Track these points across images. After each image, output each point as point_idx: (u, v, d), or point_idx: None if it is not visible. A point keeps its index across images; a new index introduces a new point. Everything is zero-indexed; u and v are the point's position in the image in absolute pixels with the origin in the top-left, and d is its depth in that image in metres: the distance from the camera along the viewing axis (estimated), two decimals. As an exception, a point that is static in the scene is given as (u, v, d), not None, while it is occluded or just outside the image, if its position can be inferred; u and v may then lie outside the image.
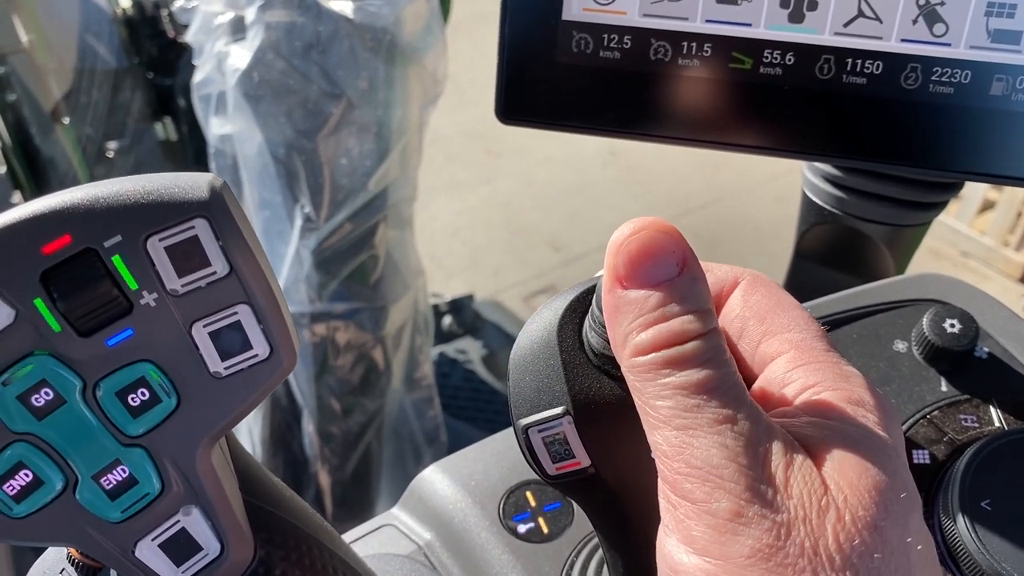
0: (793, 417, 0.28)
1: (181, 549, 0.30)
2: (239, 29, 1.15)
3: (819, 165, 0.61)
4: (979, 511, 0.41)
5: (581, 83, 0.46)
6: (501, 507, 0.50)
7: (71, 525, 0.29)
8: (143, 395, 0.28)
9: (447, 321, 2.01)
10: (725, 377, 0.27)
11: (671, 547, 0.27)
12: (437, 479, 0.53)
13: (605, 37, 0.45)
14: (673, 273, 0.28)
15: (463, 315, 2.03)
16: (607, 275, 0.29)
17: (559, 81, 0.47)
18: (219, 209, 0.27)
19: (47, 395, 0.27)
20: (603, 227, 2.69)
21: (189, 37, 1.24)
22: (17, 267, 0.26)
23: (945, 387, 0.49)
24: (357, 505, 1.41)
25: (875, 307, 0.54)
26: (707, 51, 0.45)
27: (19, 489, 0.28)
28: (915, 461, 0.46)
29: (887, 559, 0.25)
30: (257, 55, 1.13)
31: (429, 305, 1.50)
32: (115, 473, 0.29)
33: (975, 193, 2.53)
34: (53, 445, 0.28)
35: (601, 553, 0.46)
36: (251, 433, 1.38)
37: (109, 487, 0.29)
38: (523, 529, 0.49)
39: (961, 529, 0.41)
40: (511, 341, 2.01)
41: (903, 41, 0.43)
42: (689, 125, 0.46)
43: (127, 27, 1.59)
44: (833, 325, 0.53)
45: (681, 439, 0.27)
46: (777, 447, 0.26)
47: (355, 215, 1.22)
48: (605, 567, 0.44)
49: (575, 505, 0.50)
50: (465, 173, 2.93)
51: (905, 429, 0.48)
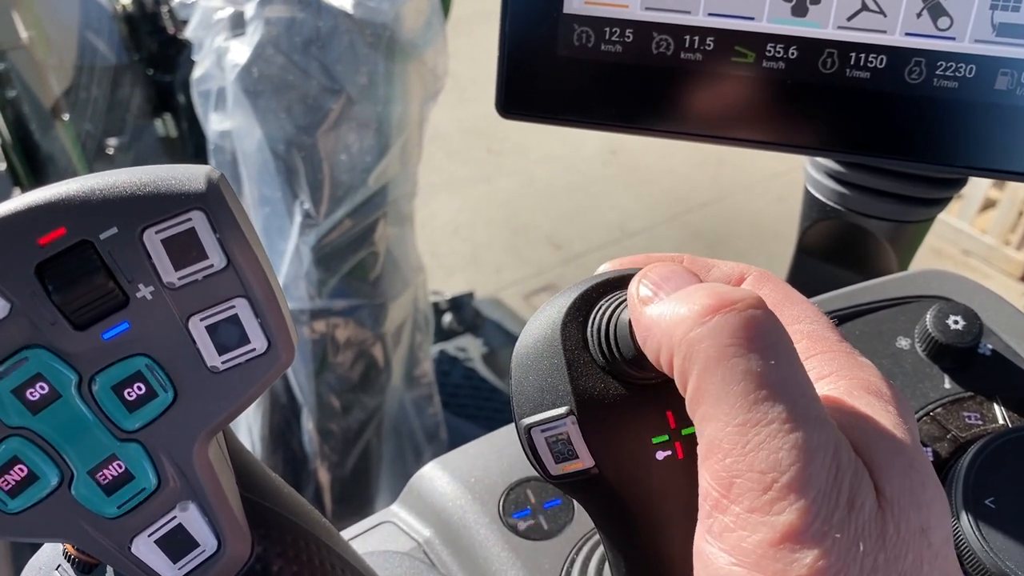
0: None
1: (178, 545, 0.30)
2: (238, 25, 1.15)
3: (822, 161, 0.61)
4: (983, 509, 0.41)
5: (582, 77, 0.46)
6: (501, 504, 0.50)
7: (67, 521, 0.29)
8: (139, 389, 0.28)
9: (447, 319, 2.01)
10: (796, 367, 0.25)
11: (713, 555, 0.24)
12: (436, 476, 0.52)
13: (607, 31, 0.45)
14: (694, 282, 0.28)
15: (463, 313, 2.03)
16: (633, 310, 0.28)
17: (560, 75, 0.46)
18: (216, 201, 0.27)
19: (42, 389, 0.27)
20: (604, 225, 2.69)
21: (188, 33, 1.24)
22: (12, 259, 0.26)
23: (948, 384, 0.49)
24: (356, 502, 1.41)
25: (878, 304, 0.54)
26: (709, 45, 0.44)
27: (14, 484, 0.28)
28: (918, 458, 0.46)
29: (932, 562, 0.24)
30: (257, 51, 1.12)
31: (429, 302, 1.50)
32: (111, 468, 0.28)
33: (976, 192, 2.53)
34: (48, 440, 0.28)
35: (602, 551, 0.46)
36: (250, 430, 1.38)
37: (105, 482, 0.28)
38: (523, 526, 0.49)
39: (965, 527, 0.41)
40: (511, 339, 2.01)
41: (907, 35, 0.43)
42: (691, 120, 0.46)
43: (127, 23, 1.59)
44: (836, 322, 0.53)
45: (746, 436, 0.24)
46: (844, 452, 0.24)
47: (355, 211, 1.22)
48: (606, 565, 0.44)
49: (575, 502, 0.50)
50: (465, 171, 2.93)
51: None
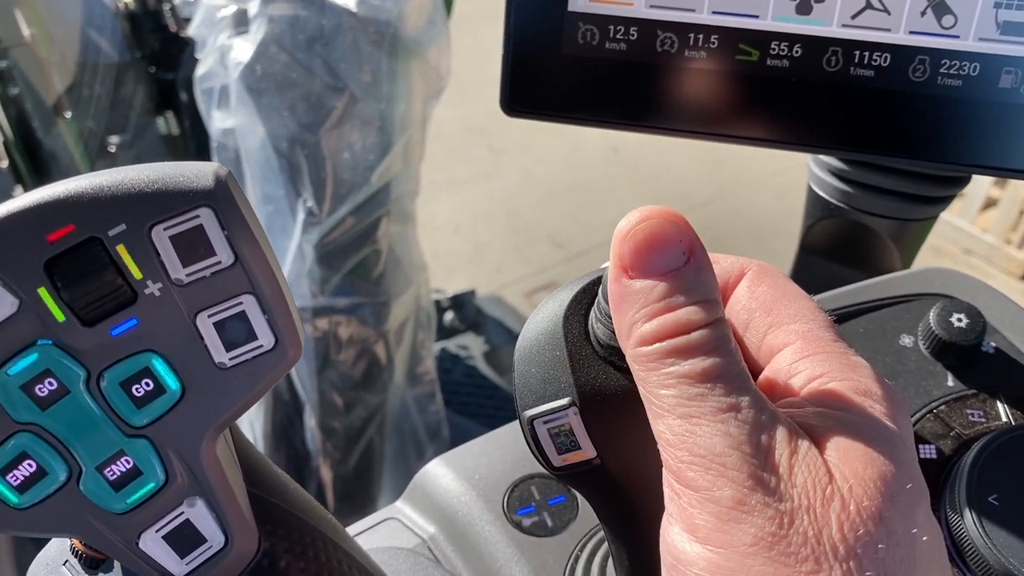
0: (799, 407, 0.28)
1: (185, 541, 0.30)
2: (242, 22, 1.15)
3: (825, 159, 0.61)
4: (986, 506, 0.41)
5: (587, 75, 0.46)
6: (505, 501, 0.50)
7: (75, 516, 0.29)
8: (147, 385, 0.28)
9: (449, 317, 2.01)
10: (730, 365, 0.27)
11: (674, 536, 0.27)
12: (441, 473, 0.52)
13: (611, 28, 0.45)
14: (680, 263, 0.28)
15: (465, 311, 2.03)
16: (613, 264, 0.29)
17: (564, 73, 0.46)
18: (224, 198, 0.27)
19: (51, 385, 0.27)
20: (605, 224, 2.69)
21: (192, 30, 1.24)
22: (21, 256, 0.26)
23: (952, 382, 0.49)
24: (358, 500, 1.41)
25: (881, 301, 0.54)
26: (714, 43, 0.44)
27: (22, 480, 0.28)
28: (922, 456, 0.46)
29: (891, 550, 0.25)
30: (260, 48, 1.12)
31: (431, 300, 1.50)
32: (119, 464, 0.28)
33: (977, 191, 2.53)
34: (57, 435, 0.28)
35: (606, 547, 0.46)
36: (253, 427, 1.38)
37: (113, 478, 0.29)
38: (528, 523, 0.49)
39: (968, 524, 0.41)
40: (513, 337, 2.01)
41: (911, 33, 0.43)
42: (695, 117, 0.46)
43: (129, 21, 1.59)
44: (839, 319, 0.53)
45: (684, 427, 0.26)
46: (781, 435, 0.26)
47: (357, 209, 1.22)
48: (610, 561, 0.44)
49: (580, 499, 0.50)
50: (467, 169, 2.93)
51: (911, 424, 0.47)
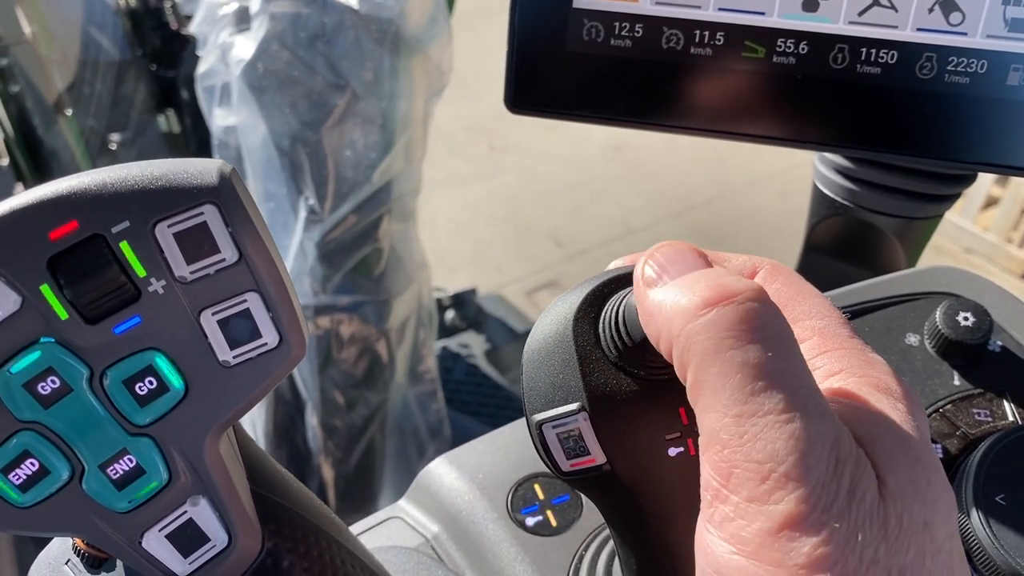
0: (834, 405, 0.27)
1: (188, 540, 0.30)
2: (243, 20, 1.15)
3: (830, 157, 0.60)
4: (993, 506, 0.41)
5: (591, 72, 0.46)
6: (509, 500, 0.50)
7: (77, 515, 0.29)
8: (151, 384, 0.28)
9: (450, 315, 2.01)
10: (794, 357, 0.25)
11: (714, 543, 0.25)
12: (444, 471, 0.52)
13: (616, 25, 0.45)
14: (703, 267, 0.28)
15: (466, 309, 2.03)
16: (638, 291, 0.28)
17: (569, 70, 0.46)
18: (228, 195, 0.27)
19: (53, 383, 0.27)
20: (606, 222, 2.69)
21: (193, 28, 1.24)
22: (23, 253, 0.26)
23: (958, 381, 0.49)
24: (360, 498, 1.41)
25: (887, 300, 0.53)
26: (719, 40, 0.44)
27: (25, 478, 0.27)
28: (928, 455, 0.46)
29: (935, 557, 0.24)
30: (262, 46, 1.12)
31: (432, 299, 1.50)
32: (122, 463, 0.28)
33: (979, 189, 2.52)
34: (59, 434, 0.27)
35: (611, 547, 0.45)
36: (254, 426, 1.38)
37: (116, 477, 0.28)
38: (531, 522, 0.49)
39: (975, 524, 0.41)
40: (514, 336, 2.01)
41: (919, 30, 0.43)
42: (700, 115, 0.46)
43: (130, 19, 1.59)
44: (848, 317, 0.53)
45: (743, 427, 0.24)
46: (845, 442, 0.24)
47: (359, 207, 1.22)
48: (615, 561, 0.44)
49: (584, 498, 0.49)
50: (468, 168, 2.92)
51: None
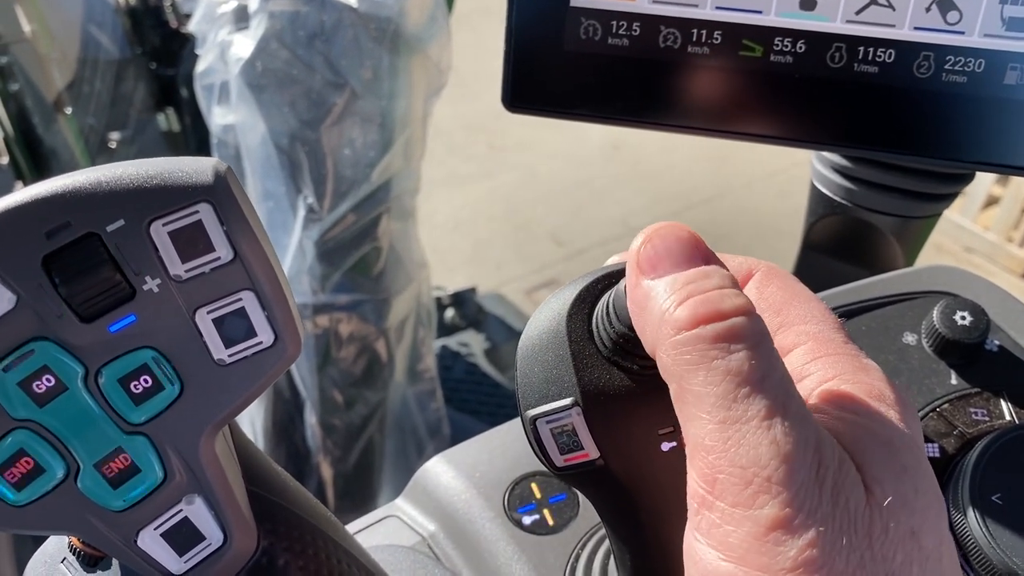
0: (820, 412, 0.27)
1: (184, 539, 0.30)
2: (242, 18, 1.15)
3: (828, 155, 0.60)
4: (990, 505, 0.41)
5: (589, 70, 0.46)
6: (506, 498, 0.50)
7: (72, 514, 0.29)
8: (146, 382, 0.28)
9: (450, 314, 2.01)
10: (776, 365, 0.25)
11: (702, 551, 0.25)
12: (441, 470, 0.52)
13: (614, 24, 0.45)
14: (699, 263, 0.27)
15: (465, 308, 2.03)
16: (630, 273, 0.28)
17: (567, 68, 0.46)
18: (223, 194, 0.27)
19: (48, 382, 0.27)
20: (606, 221, 2.69)
21: (192, 26, 1.24)
22: (18, 251, 0.26)
23: (955, 380, 0.49)
24: (359, 497, 1.41)
25: (884, 299, 0.53)
26: (717, 39, 0.44)
27: (20, 477, 0.27)
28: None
29: (923, 565, 0.24)
30: (260, 44, 1.12)
31: (432, 298, 1.50)
32: (117, 461, 0.28)
33: (979, 188, 2.52)
34: (54, 432, 0.27)
35: (607, 545, 0.45)
36: (253, 424, 1.38)
37: (111, 475, 0.28)
38: (528, 521, 0.49)
39: (971, 523, 0.41)
40: (513, 335, 2.01)
41: (916, 29, 0.43)
42: (698, 114, 0.46)
43: (130, 17, 1.59)
44: (842, 317, 0.53)
45: (726, 433, 0.24)
46: (828, 447, 0.24)
47: (358, 206, 1.22)
48: (611, 559, 0.44)
49: (581, 497, 0.50)
50: (467, 167, 2.92)
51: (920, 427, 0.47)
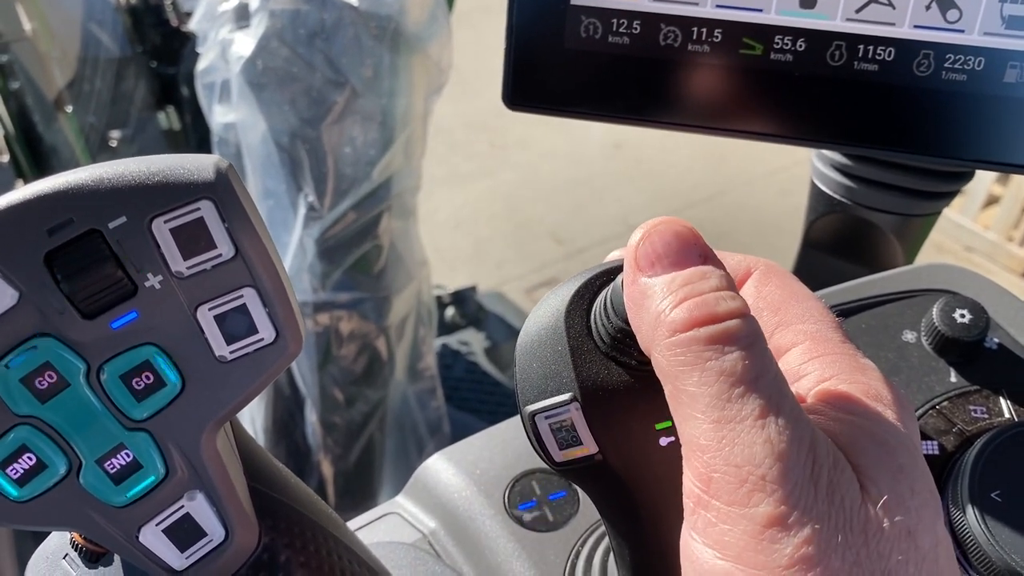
0: (817, 412, 0.27)
1: (185, 534, 0.30)
2: (243, 17, 1.15)
3: (828, 154, 0.60)
4: (989, 502, 0.41)
5: (589, 69, 0.46)
6: (506, 495, 0.50)
7: (74, 509, 0.29)
8: (147, 379, 0.28)
9: (450, 312, 2.01)
10: (770, 365, 0.25)
11: (698, 550, 0.25)
12: (442, 467, 0.52)
13: (614, 22, 0.45)
14: (697, 262, 0.27)
15: (466, 307, 2.03)
16: (628, 270, 0.28)
17: (567, 67, 0.46)
18: (225, 191, 0.27)
19: (50, 378, 0.27)
20: (607, 220, 2.69)
21: (193, 25, 1.24)
22: (21, 248, 0.26)
23: (954, 378, 0.49)
24: (359, 495, 1.41)
25: (884, 297, 0.53)
26: (717, 37, 0.44)
27: (22, 472, 0.28)
28: (924, 452, 0.46)
29: (919, 564, 0.24)
30: (261, 43, 1.12)
31: (432, 296, 1.50)
32: (119, 457, 0.28)
33: (979, 188, 2.52)
34: (57, 428, 0.28)
35: (607, 542, 0.46)
36: (253, 422, 1.38)
37: (113, 471, 0.28)
38: (528, 518, 0.49)
39: (971, 520, 0.41)
40: (514, 333, 2.01)
41: (916, 27, 0.43)
42: (698, 112, 0.46)
43: (130, 15, 1.59)
44: (842, 315, 0.53)
45: (721, 432, 0.24)
46: (822, 446, 0.25)
47: (359, 204, 1.22)
48: (611, 556, 0.44)
49: (581, 494, 0.50)
50: (468, 165, 2.92)
51: (918, 427, 0.47)
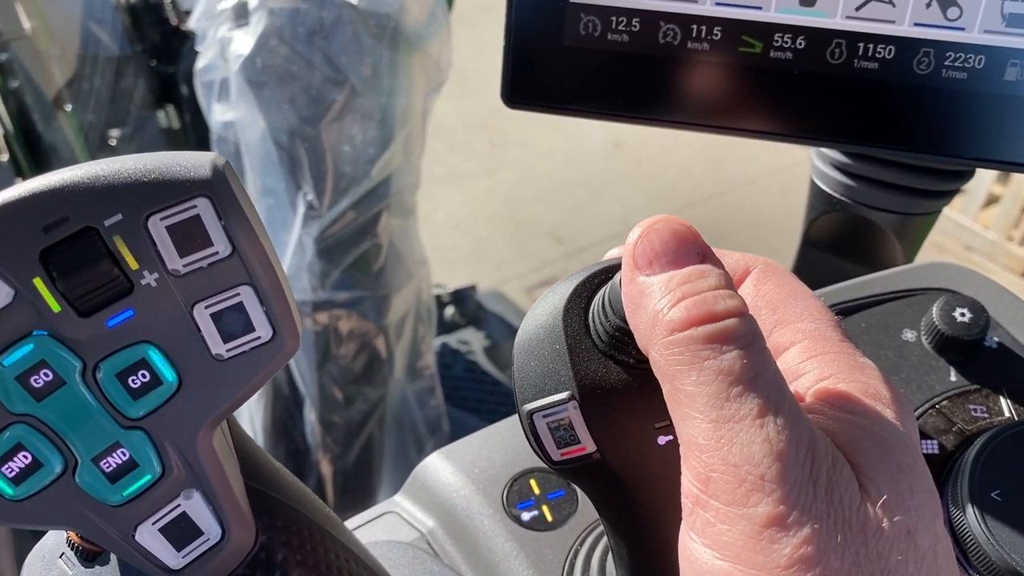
0: (815, 412, 0.27)
1: (182, 533, 0.30)
2: (242, 15, 1.15)
3: (828, 152, 0.60)
4: (988, 501, 0.41)
5: (589, 66, 0.46)
6: (505, 495, 0.50)
7: (70, 508, 0.29)
8: (144, 377, 0.28)
9: (449, 311, 2.01)
10: (768, 364, 0.25)
11: (697, 550, 0.25)
12: (440, 466, 0.52)
13: (613, 20, 0.45)
14: (695, 261, 0.27)
15: (466, 306, 2.03)
16: (626, 268, 0.28)
17: (566, 64, 0.46)
18: (222, 188, 0.27)
19: (46, 376, 0.27)
20: (606, 219, 2.69)
21: (192, 23, 1.24)
22: (16, 245, 0.26)
23: (954, 377, 0.49)
24: (358, 494, 1.41)
25: (884, 296, 0.53)
26: (717, 35, 0.44)
27: (18, 471, 0.27)
28: (924, 451, 0.46)
29: (919, 564, 0.24)
30: (260, 41, 1.12)
31: (432, 295, 1.50)
32: (115, 456, 0.28)
33: (979, 187, 2.52)
34: (52, 427, 0.27)
35: (605, 542, 0.45)
36: (252, 421, 1.38)
37: (109, 470, 0.28)
38: (527, 517, 0.49)
39: (970, 520, 0.41)
40: (513, 332, 2.01)
41: (916, 25, 0.43)
42: (698, 110, 0.46)
43: (130, 14, 1.59)
44: (841, 314, 0.53)
45: (719, 432, 0.24)
46: (821, 445, 0.24)
47: (358, 203, 1.22)
48: (609, 555, 0.44)
49: (579, 493, 0.50)
50: (468, 164, 2.92)
51: (917, 426, 0.47)
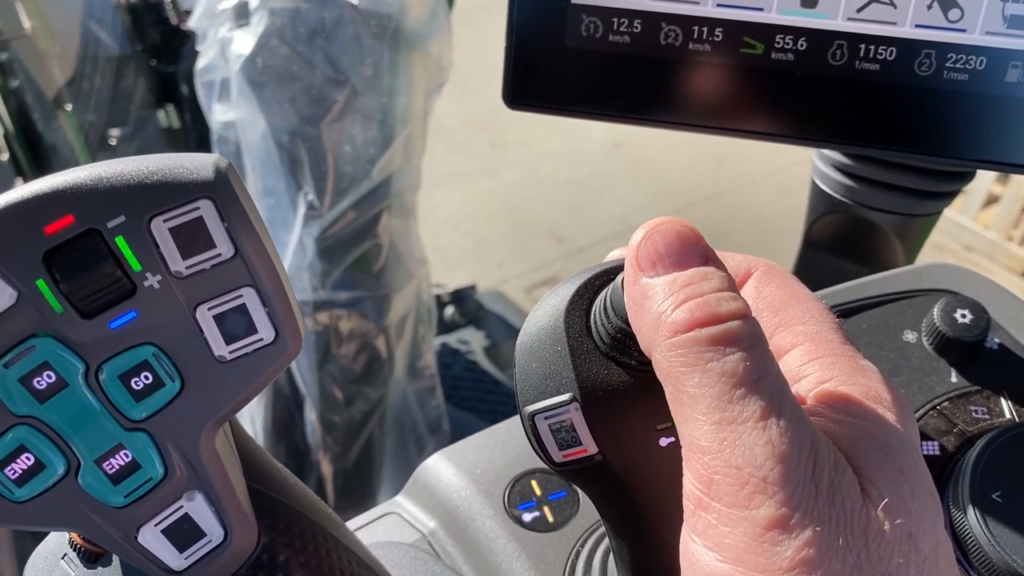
0: (817, 414, 0.27)
1: (184, 535, 0.30)
2: (243, 15, 1.15)
3: (829, 153, 0.60)
4: (989, 503, 0.41)
5: (590, 68, 0.46)
6: (506, 496, 0.50)
7: (73, 510, 0.29)
8: (146, 379, 0.28)
9: (450, 311, 2.01)
10: (771, 367, 0.25)
11: (699, 552, 0.25)
12: (441, 467, 0.52)
13: (615, 21, 0.45)
14: (698, 263, 0.27)
15: (466, 305, 2.03)
16: (629, 270, 0.28)
17: (568, 65, 0.46)
18: (225, 190, 0.27)
19: (49, 378, 0.27)
20: (606, 219, 2.69)
21: (192, 23, 1.24)
22: (19, 247, 0.26)
23: (955, 378, 0.49)
24: (359, 494, 1.41)
25: (885, 297, 0.53)
26: (718, 36, 0.44)
27: (21, 473, 0.27)
28: (925, 452, 0.46)
29: (920, 567, 0.24)
30: (261, 41, 1.12)
31: (432, 295, 1.50)
32: (118, 457, 0.28)
33: (979, 187, 2.52)
34: (55, 428, 0.27)
35: (607, 543, 0.45)
36: (253, 421, 1.38)
37: (111, 471, 0.28)
38: (528, 518, 0.49)
39: (971, 521, 0.41)
40: (513, 332, 2.01)
41: (917, 27, 0.43)
42: (699, 111, 0.46)
43: (130, 14, 1.59)
44: (842, 315, 0.53)
45: (722, 434, 0.24)
46: (823, 448, 0.25)
47: (358, 203, 1.22)
48: (611, 556, 0.44)
49: (581, 494, 0.50)
50: (468, 164, 2.92)
51: (918, 429, 0.47)
